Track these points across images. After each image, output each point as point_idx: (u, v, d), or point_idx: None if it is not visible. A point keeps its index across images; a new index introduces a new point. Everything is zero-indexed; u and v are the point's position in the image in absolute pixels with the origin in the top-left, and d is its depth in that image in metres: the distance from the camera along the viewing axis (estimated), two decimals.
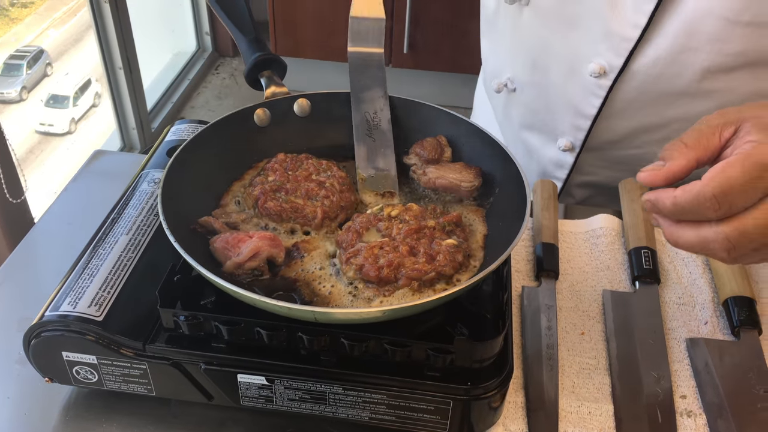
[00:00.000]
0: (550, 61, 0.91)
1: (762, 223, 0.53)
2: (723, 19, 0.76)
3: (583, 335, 0.78)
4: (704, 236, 0.55)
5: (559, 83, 0.92)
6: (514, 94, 1.00)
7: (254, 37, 0.84)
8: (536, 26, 0.90)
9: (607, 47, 0.84)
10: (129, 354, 0.64)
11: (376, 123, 0.78)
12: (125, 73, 2.70)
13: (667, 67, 0.82)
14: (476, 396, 0.63)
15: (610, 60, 0.84)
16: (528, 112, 1.00)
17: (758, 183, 0.52)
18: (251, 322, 0.62)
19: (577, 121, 0.93)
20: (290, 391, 0.65)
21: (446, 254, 0.68)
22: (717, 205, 0.53)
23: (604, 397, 0.72)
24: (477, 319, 0.66)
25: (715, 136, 0.56)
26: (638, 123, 0.89)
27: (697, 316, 0.80)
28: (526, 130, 1.03)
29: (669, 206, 0.56)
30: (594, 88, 0.87)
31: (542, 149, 1.02)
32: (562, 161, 0.99)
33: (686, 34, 0.79)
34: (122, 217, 0.74)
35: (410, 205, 0.74)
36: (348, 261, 0.68)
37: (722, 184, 0.52)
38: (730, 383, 0.72)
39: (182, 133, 0.87)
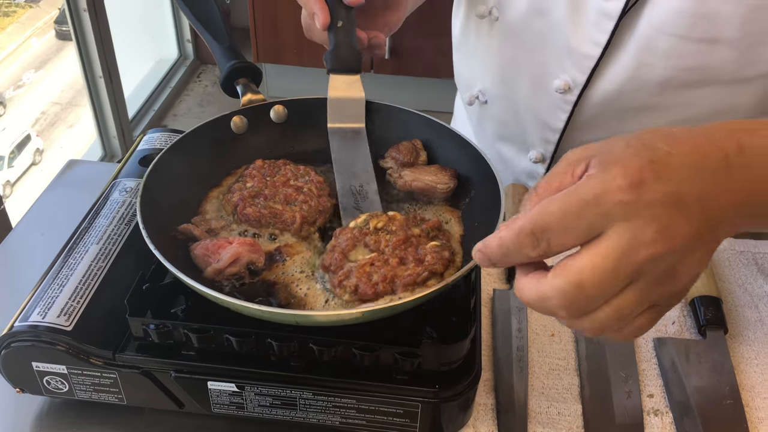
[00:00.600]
0: (518, 75, 0.93)
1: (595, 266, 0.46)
2: (675, 36, 0.78)
3: (553, 336, 0.80)
4: (541, 291, 0.48)
5: (527, 97, 0.94)
6: (486, 106, 1.02)
7: (229, 45, 0.85)
8: (505, 41, 0.92)
9: (571, 64, 0.86)
10: (99, 363, 0.64)
11: (364, 195, 0.78)
12: (105, 81, 2.69)
13: (627, 83, 0.84)
14: (445, 398, 0.63)
15: (574, 76, 0.86)
16: (500, 124, 1.02)
17: (577, 221, 0.46)
18: (220, 329, 0.63)
19: (546, 134, 0.95)
20: (261, 398, 0.65)
21: (433, 254, 0.68)
22: (535, 241, 0.47)
23: (573, 398, 0.73)
24: (445, 322, 0.67)
25: (567, 174, 0.50)
26: (604, 136, 0.89)
27: (665, 316, 0.81)
28: (499, 140, 1.05)
29: (495, 248, 0.50)
30: (560, 102, 0.90)
31: (515, 159, 1.03)
32: (534, 172, 1.01)
33: (643, 51, 0.81)
34: (93, 227, 0.74)
35: (393, 215, 0.73)
36: (341, 284, 0.67)
37: (539, 220, 0.47)
38: (696, 382, 0.73)
39: (154, 142, 0.88)
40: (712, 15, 0.76)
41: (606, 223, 0.46)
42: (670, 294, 0.48)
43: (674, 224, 0.45)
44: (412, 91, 3.13)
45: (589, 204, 0.46)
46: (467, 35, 1.01)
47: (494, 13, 0.92)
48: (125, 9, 3.14)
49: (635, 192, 0.45)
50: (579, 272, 0.46)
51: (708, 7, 0.75)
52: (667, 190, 0.46)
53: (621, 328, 0.49)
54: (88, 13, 2.52)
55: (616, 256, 0.45)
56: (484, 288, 0.84)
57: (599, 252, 0.46)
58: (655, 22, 0.79)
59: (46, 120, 3.03)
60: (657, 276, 0.46)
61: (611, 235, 0.45)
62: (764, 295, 0.84)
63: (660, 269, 0.46)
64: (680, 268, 0.47)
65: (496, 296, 0.83)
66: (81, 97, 3.06)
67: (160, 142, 0.88)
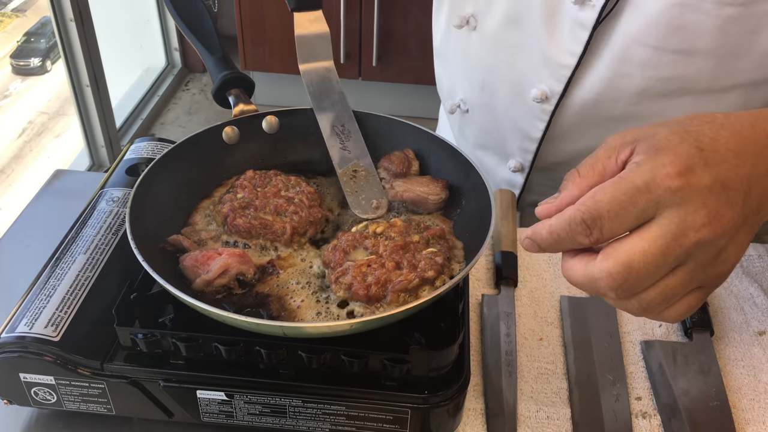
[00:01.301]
0: (497, 85, 0.94)
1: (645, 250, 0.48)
2: (650, 47, 0.79)
3: (541, 341, 0.80)
4: (590, 273, 0.51)
5: (506, 106, 0.95)
6: (467, 114, 1.02)
7: (221, 55, 0.85)
8: (483, 51, 0.93)
9: (548, 74, 0.87)
10: (87, 373, 0.64)
11: (347, 134, 0.79)
12: (93, 90, 2.68)
13: (604, 93, 0.85)
14: (434, 404, 0.64)
15: (551, 86, 0.87)
16: (480, 133, 1.03)
17: (629, 207, 0.48)
18: (209, 337, 0.63)
19: (525, 143, 0.95)
20: (250, 406, 0.65)
21: (426, 260, 0.69)
22: (588, 230, 0.49)
23: (562, 401, 0.73)
24: (433, 328, 0.67)
25: (611, 159, 0.52)
26: (582, 145, 0.92)
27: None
28: (480, 149, 1.05)
29: (546, 236, 0.53)
30: (538, 112, 0.90)
31: (496, 168, 1.04)
32: (514, 181, 1.02)
33: (619, 61, 0.82)
34: (80, 237, 0.74)
35: (394, 221, 0.74)
36: (337, 280, 0.68)
37: (591, 208, 0.49)
38: (684, 384, 0.74)
39: (141, 151, 0.88)
40: (688, 27, 0.76)
41: (656, 209, 0.48)
42: (716, 275, 0.50)
43: (722, 209, 0.47)
44: (399, 99, 3.15)
45: (641, 191, 0.48)
46: (447, 44, 1.02)
47: (471, 22, 0.92)
48: (112, 18, 3.13)
49: (684, 179, 0.47)
50: (629, 255, 0.48)
51: (683, 19, 0.76)
52: (715, 176, 0.47)
53: (666, 309, 0.51)
54: (74, 23, 2.51)
55: (665, 241, 0.47)
56: (473, 293, 0.85)
57: (649, 236, 0.47)
58: (630, 33, 0.80)
59: (33, 129, 3.01)
60: (704, 259, 0.48)
61: (661, 220, 0.47)
62: (749, 298, 0.85)
63: (708, 253, 0.48)
64: (726, 251, 0.49)
65: (484, 301, 0.83)
66: (68, 106, 3.05)
67: (147, 152, 0.88)
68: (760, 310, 0.83)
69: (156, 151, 0.88)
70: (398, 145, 0.85)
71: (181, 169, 0.78)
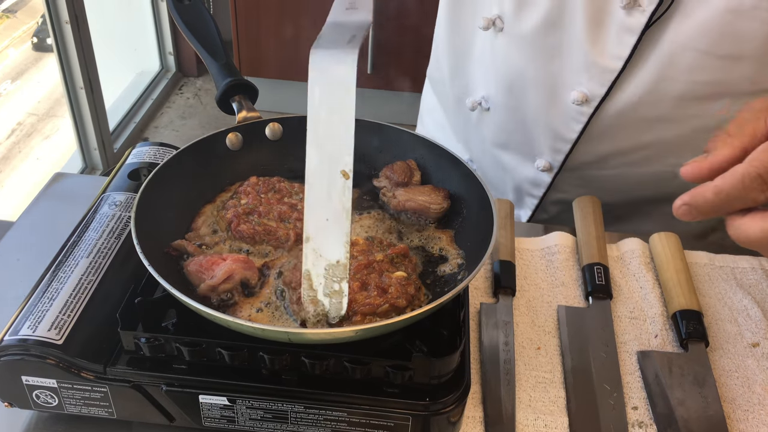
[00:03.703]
0: (527, 86, 0.93)
1: None
2: (700, 52, 0.80)
3: (539, 350, 0.81)
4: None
5: (537, 108, 0.94)
6: (487, 112, 1.01)
7: (226, 62, 0.85)
8: (512, 52, 0.92)
9: (589, 77, 0.87)
10: (89, 377, 0.64)
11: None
12: (87, 93, 2.68)
13: (645, 96, 0.85)
14: (435, 411, 0.64)
15: (592, 89, 0.87)
16: (502, 132, 1.02)
17: None
18: (213, 342, 0.63)
19: (557, 144, 0.95)
20: (252, 411, 0.65)
21: (398, 287, 0.68)
22: (764, 184, 0.50)
23: (560, 410, 0.74)
24: (435, 336, 0.68)
25: (760, 121, 0.54)
26: (615, 146, 0.92)
27: (648, 330, 0.83)
28: (499, 148, 1.04)
29: (711, 198, 0.52)
30: (575, 114, 0.90)
31: (518, 167, 1.03)
32: (539, 180, 1.01)
33: (665, 66, 0.83)
34: (83, 240, 0.74)
35: (356, 239, 0.74)
36: (298, 302, 0.67)
37: (765, 161, 0.50)
38: (679, 394, 0.75)
39: (143, 155, 0.88)
40: (738, 33, 0.77)
41: None
42: None
43: None
44: (394, 107, 3.16)
45: None
46: (465, 44, 1.01)
47: (498, 24, 0.92)
48: (107, 21, 3.12)
49: None
50: None
51: (735, 26, 0.77)
52: None
53: None
54: (70, 25, 2.50)
55: None
56: (471, 302, 0.85)
57: None
58: (679, 38, 0.80)
59: (22, 131, 3.00)
60: None
61: None
62: (743, 309, 0.86)
63: None
64: None
65: (482, 310, 0.84)
66: (58, 107, 3.04)
67: (150, 156, 0.88)
68: (754, 322, 0.85)
69: (158, 155, 0.88)
70: (400, 154, 0.86)
71: (184, 175, 0.79)
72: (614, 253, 0.94)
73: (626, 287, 0.89)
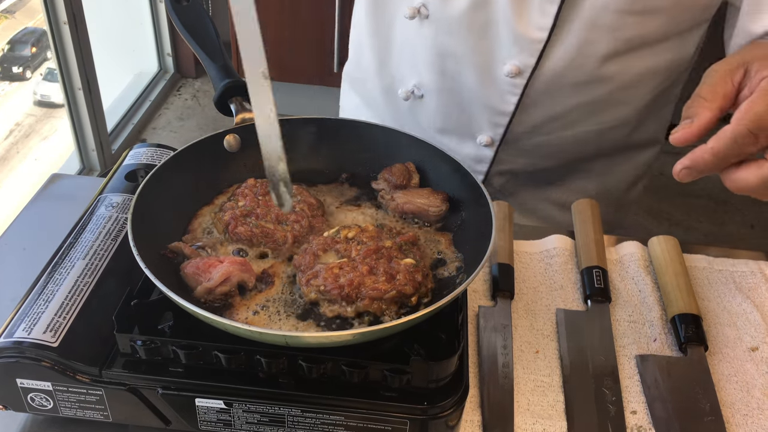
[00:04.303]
0: (459, 67, 0.96)
1: None
2: (618, 12, 0.85)
3: (537, 353, 0.80)
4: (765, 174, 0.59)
5: (473, 87, 0.97)
6: (421, 100, 1.04)
7: (223, 63, 0.85)
8: (442, 37, 0.95)
9: (519, 50, 0.90)
10: (85, 380, 0.64)
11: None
12: (85, 94, 2.67)
13: (572, 60, 0.90)
14: (433, 415, 0.64)
15: (523, 60, 0.91)
16: (440, 116, 1.04)
17: None
18: (209, 345, 0.63)
19: (495, 118, 0.99)
20: (249, 415, 0.65)
21: (405, 273, 0.69)
22: (754, 138, 0.57)
23: (558, 414, 0.74)
24: (433, 339, 0.67)
25: (728, 83, 0.62)
26: (548, 113, 0.97)
27: (647, 333, 0.83)
28: (437, 133, 1.07)
29: (709, 158, 0.59)
30: (510, 87, 0.94)
31: (459, 148, 1.06)
32: (482, 156, 1.05)
33: (587, 29, 0.87)
34: (79, 242, 0.74)
35: (366, 226, 0.75)
36: (308, 283, 0.69)
37: (754, 119, 0.57)
38: (678, 398, 0.75)
39: (140, 157, 0.87)
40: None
41: None
42: None
43: None
44: None
45: None
46: (389, 37, 1.03)
47: (423, 12, 0.95)
48: (105, 22, 3.12)
49: None
50: None
51: None
52: None
53: None
54: (68, 26, 2.50)
55: None
56: (470, 305, 0.85)
57: None
58: (598, 2, 0.85)
59: (20, 131, 2.99)
60: None
61: None
62: (742, 313, 0.86)
63: None
64: None
65: (481, 313, 0.84)
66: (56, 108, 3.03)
67: (147, 158, 0.88)
68: (753, 326, 0.84)
69: (155, 157, 0.88)
70: (399, 156, 0.85)
71: (182, 177, 0.78)
72: (613, 257, 0.94)
73: (625, 291, 0.88)
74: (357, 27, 1.09)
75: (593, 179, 1.06)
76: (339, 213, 0.82)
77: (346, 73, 1.20)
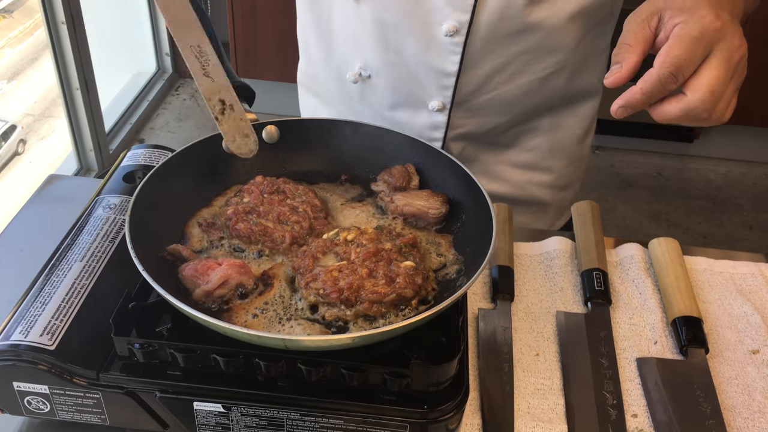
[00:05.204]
0: (401, 38, 0.98)
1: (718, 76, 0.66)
2: None
3: (537, 356, 0.80)
4: (687, 106, 0.67)
5: (416, 55, 0.99)
6: (369, 80, 1.05)
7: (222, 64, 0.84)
8: (378, 12, 0.97)
9: (453, 8, 0.92)
10: (82, 383, 0.63)
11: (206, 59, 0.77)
12: (82, 93, 2.66)
13: (503, 10, 0.92)
14: (433, 419, 0.63)
15: (458, 18, 0.93)
16: (389, 92, 1.05)
17: (696, 52, 0.66)
18: (207, 348, 0.62)
19: (442, 80, 1.00)
20: (247, 418, 0.64)
21: (405, 276, 0.69)
22: (674, 78, 0.66)
23: (559, 418, 0.73)
24: (433, 342, 0.67)
25: (646, 29, 0.70)
26: (489, 68, 0.98)
27: (647, 336, 0.82)
28: (390, 109, 1.08)
29: (640, 97, 0.68)
30: (450, 47, 0.96)
31: (413, 120, 1.07)
32: (437, 123, 1.05)
33: None
34: (76, 244, 0.73)
35: (365, 228, 0.75)
36: (307, 285, 0.69)
37: (672, 62, 0.66)
38: (679, 401, 0.74)
39: (138, 158, 0.87)
40: None
41: (711, 46, 0.66)
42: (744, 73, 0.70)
43: (740, 32, 0.68)
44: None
45: (699, 39, 0.66)
46: (329, 25, 1.04)
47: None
48: (103, 21, 3.11)
49: (719, 21, 0.66)
50: (709, 83, 0.66)
51: None
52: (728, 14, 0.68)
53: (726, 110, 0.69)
54: (66, 26, 2.49)
55: (726, 64, 0.66)
56: (469, 307, 0.84)
57: (714, 65, 0.66)
58: None
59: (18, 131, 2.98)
60: (742, 67, 0.68)
61: (717, 53, 0.66)
62: (743, 316, 0.86)
63: (743, 62, 0.68)
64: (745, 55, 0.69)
65: (481, 315, 0.83)
66: (54, 108, 3.02)
67: (145, 159, 0.87)
68: (754, 329, 0.84)
69: (153, 158, 0.87)
70: (397, 158, 0.85)
71: (180, 178, 0.78)
72: (613, 259, 0.93)
73: (625, 293, 0.88)
74: (300, 23, 1.12)
75: (544, 136, 1.10)
76: (344, 210, 0.81)
77: (299, 75, 1.22)
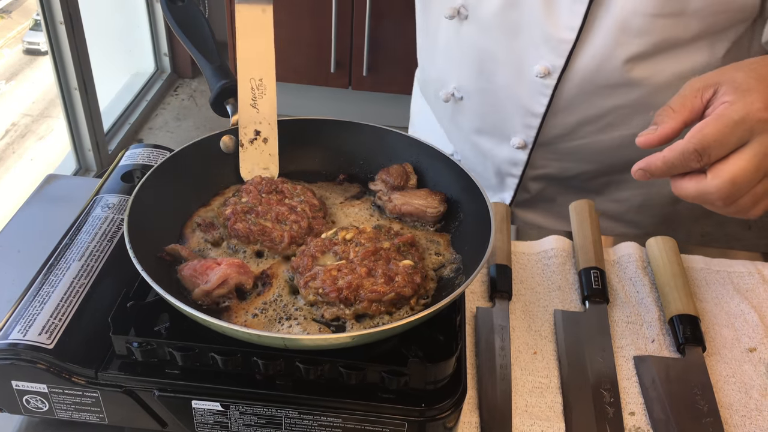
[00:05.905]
0: (495, 67, 0.98)
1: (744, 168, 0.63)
2: (648, 15, 0.85)
3: (535, 354, 0.80)
4: (702, 189, 0.65)
5: (506, 87, 0.98)
6: (461, 102, 1.05)
7: (219, 64, 0.84)
8: (478, 37, 0.97)
9: (549, 50, 0.91)
10: (81, 382, 0.63)
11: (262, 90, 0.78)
12: (81, 94, 2.66)
13: (602, 62, 0.90)
14: (430, 417, 0.63)
15: (552, 61, 0.92)
16: (477, 118, 1.06)
17: (730, 137, 0.63)
18: (206, 347, 0.62)
19: (528, 119, 0.99)
20: (245, 417, 0.64)
21: (404, 275, 0.69)
22: (699, 156, 0.63)
23: (556, 416, 0.73)
24: (431, 341, 0.67)
25: (697, 98, 0.67)
26: (581, 116, 0.97)
27: (645, 334, 0.83)
28: (476, 134, 1.08)
29: (660, 165, 0.66)
30: (541, 87, 0.95)
31: (495, 150, 1.07)
32: (516, 159, 1.05)
33: (617, 31, 0.87)
34: (75, 243, 0.73)
35: (364, 228, 0.75)
36: (306, 285, 0.69)
37: (701, 140, 0.63)
38: (676, 399, 0.74)
39: (136, 157, 0.87)
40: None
41: (750, 135, 0.63)
42: None
43: None
44: (389, 109, 3.15)
45: (738, 124, 0.63)
46: (435, 38, 1.05)
47: (462, 12, 0.96)
48: (102, 22, 3.11)
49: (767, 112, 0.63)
50: (733, 173, 0.63)
51: None
52: None
53: (753, 208, 0.67)
54: (64, 26, 2.49)
55: (759, 159, 0.63)
56: (467, 306, 0.84)
57: (746, 157, 0.63)
58: (628, 4, 0.84)
59: (16, 131, 2.98)
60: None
61: (754, 144, 0.63)
62: (740, 314, 0.86)
63: None
64: None
65: (478, 314, 0.84)
66: (52, 108, 3.02)
67: (143, 158, 0.87)
68: (751, 327, 0.84)
69: (151, 158, 0.87)
70: (395, 157, 0.85)
71: (178, 178, 0.78)
72: (611, 257, 0.93)
73: (623, 291, 0.88)
74: (417, 27, 1.13)
75: (637, 190, 1.06)
76: (343, 208, 0.82)
77: (416, 75, 1.24)
